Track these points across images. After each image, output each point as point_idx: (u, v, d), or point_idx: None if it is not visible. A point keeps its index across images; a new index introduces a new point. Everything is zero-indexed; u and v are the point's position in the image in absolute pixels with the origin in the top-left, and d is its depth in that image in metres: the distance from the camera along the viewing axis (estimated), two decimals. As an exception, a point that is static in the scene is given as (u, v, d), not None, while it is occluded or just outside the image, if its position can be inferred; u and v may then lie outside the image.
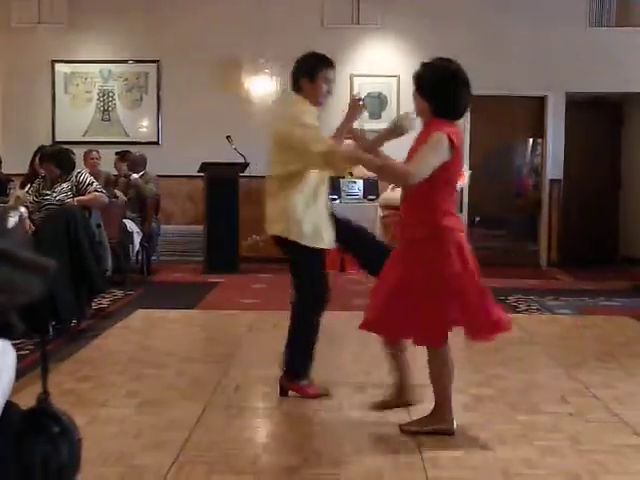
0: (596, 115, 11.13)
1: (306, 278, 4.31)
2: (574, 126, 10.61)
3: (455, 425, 3.65)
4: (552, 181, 10.60)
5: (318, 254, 4.29)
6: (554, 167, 10.58)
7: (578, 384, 4.62)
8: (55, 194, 6.39)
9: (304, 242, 4.20)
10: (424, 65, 4.00)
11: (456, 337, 4.15)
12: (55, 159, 6.59)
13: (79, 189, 6.47)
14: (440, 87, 3.83)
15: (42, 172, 6.84)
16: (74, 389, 4.41)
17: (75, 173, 6.59)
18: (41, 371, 1.97)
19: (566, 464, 3.32)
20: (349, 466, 3.28)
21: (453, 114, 3.84)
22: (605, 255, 10.97)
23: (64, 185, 6.46)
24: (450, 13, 10.28)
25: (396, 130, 3.95)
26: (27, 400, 1.98)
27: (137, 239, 8.62)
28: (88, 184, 6.53)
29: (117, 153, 9.40)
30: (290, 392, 4.31)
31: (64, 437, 1.85)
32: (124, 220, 8.50)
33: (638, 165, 10.81)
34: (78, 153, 8.95)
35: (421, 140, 3.67)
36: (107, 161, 9.29)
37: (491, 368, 4.98)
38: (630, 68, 10.30)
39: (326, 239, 4.28)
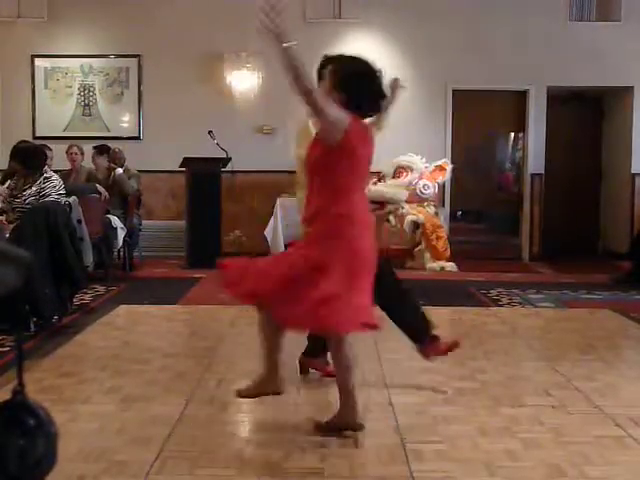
0: (577, 109, 11.20)
1: None
2: (555, 120, 10.67)
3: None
4: (534, 175, 10.65)
5: None
6: (536, 161, 10.63)
7: (560, 377, 4.64)
8: (24, 197, 6.31)
9: None
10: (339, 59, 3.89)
11: (438, 331, 4.15)
12: (20, 157, 6.43)
13: (42, 196, 6.26)
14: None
15: None
16: (56, 385, 4.38)
17: (42, 179, 6.33)
18: (16, 363, 1.94)
19: (549, 456, 3.34)
20: (333, 460, 3.27)
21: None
22: (586, 248, 11.05)
23: (33, 189, 6.29)
24: (432, 8, 10.29)
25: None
26: (6, 396, 1.95)
27: (121, 235, 8.58)
28: (47, 195, 6.26)
29: (95, 147, 9.28)
30: (310, 370, 4.54)
31: (40, 430, 1.82)
32: (108, 216, 8.45)
33: (619, 159, 10.87)
34: (59, 149, 8.96)
35: None
36: (87, 156, 9.23)
37: (473, 361, 4.99)
38: (610, 62, 10.36)
39: None
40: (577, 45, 10.36)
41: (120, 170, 9.02)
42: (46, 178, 6.37)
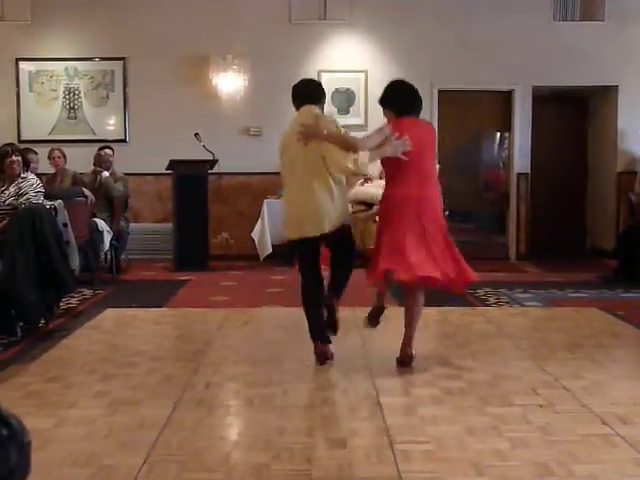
0: (562, 108, 11.24)
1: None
2: (541, 120, 10.70)
3: None
4: (520, 174, 10.67)
5: None
6: (522, 160, 10.66)
7: (547, 376, 4.65)
8: (3, 198, 6.30)
9: None
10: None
11: (424, 331, 4.15)
12: None
13: (20, 195, 6.28)
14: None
15: None
16: (42, 390, 4.37)
17: (19, 179, 6.36)
18: None
19: (536, 455, 3.34)
20: (321, 462, 3.27)
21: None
22: (573, 247, 11.08)
23: (11, 189, 6.32)
24: (417, 8, 10.30)
25: None
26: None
27: (107, 238, 8.55)
28: (25, 194, 6.30)
29: (101, 149, 9.33)
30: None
31: (12, 440, 1.79)
32: (95, 219, 8.43)
33: (604, 157, 10.92)
34: (45, 152, 8.92)
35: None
36: (73, 160, 9.20)
37: (461, 361, 5.00)
38: (595, 62, 10.40)
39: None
40: (562, 45, 10.39)
41: (106, 173, 9.00)
42: (23, 178, 6.41)
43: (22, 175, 6.43)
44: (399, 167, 4.76)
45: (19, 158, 6.46)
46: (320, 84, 5.45)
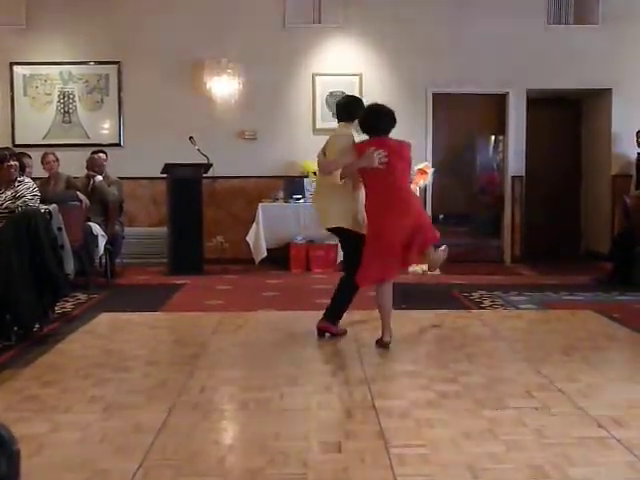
0: (556, 112, 11.27)
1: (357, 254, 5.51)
2: (535, 123, 10.72)
3: None
4: (514, 177, 10.69)
5: None
6: (516, 164, 10.67)
7: (543, 378, 4.66)
8: (0, 201, 6.34)
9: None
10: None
11: (420, 334, 4.16)
12: None
13: (16, 197, 6.40)
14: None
15: None
16: (37, 395, 4.35)
17: (15, 183, 6.47)
18: None
19: (531, 458, 3.34)
20: (316, 465, 3.27)
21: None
22: (568, 250, 11.10)
23: (8, 193, 6.40)
24: (411, 12, 10.32)
25: None
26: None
27: (102, 242, 8.53)
28: (22, 197, 6.42)
29: (95, 152, 9.31)
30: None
31: (1, 449, 1.78)
32: (89, 223, 8.41)
33: (599, 160, 10.94)
34: (40, 156, 8.91)
35: None
36: (68, 164, 9.19)
37: (456, 364, 5.00)
38: (588, 65, 10.43)
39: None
40: (555, 48, 10.41)
41: (100, 177, 8.97)
42: (20, 182, 6.50)
43: (19, 179, 6.51)
44: (375, 178, 5.43)
45: (16, 163, 6.55)
46: (349, 103, 5.88)
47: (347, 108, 5.76)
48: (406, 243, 5.39)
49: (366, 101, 5.82)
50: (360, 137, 5.63)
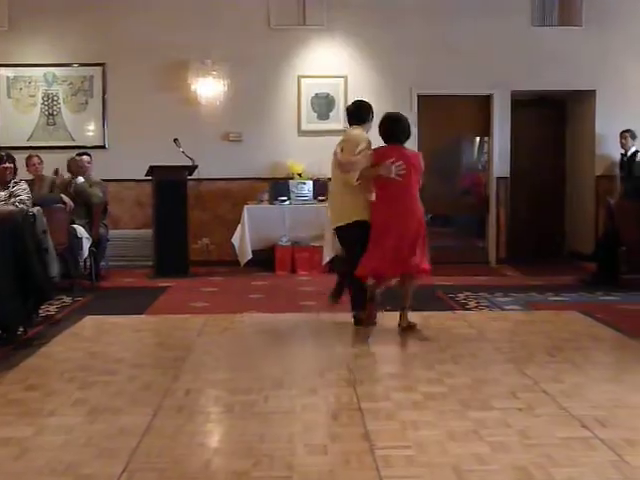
0: (541, 113, 11.31)
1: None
2: (520, 124, 10.75)
3: None
4: (499, 178, 10.72)
5: None
6: (501, 165, 10.70)
7: (527, 379, 4.67)
8: None
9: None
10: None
11: (405, 335, 4.15)
12: None
13: (13, 196, 6.57)
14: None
15: None
16: (21, 399, 4.33)
17: (12, 184, 6.65)
18: None
19: (516, 459, 3.35)
20: (301, 468, 3.27)
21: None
22: (552, 250, 11.14)
23: (2, 193, 6.53)
24: (396, 14, 10.32)
25: None
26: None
27: (86, 245, 8.49)
28: (17, 196, 6.61)
29: (79, 154, 9.26)
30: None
31: None
32: (73, 226, 8.37)
33: (582, 161, 10.99)
34: (24, 159, 8.86)
35: None
36: (51, 166, 9.15)
37: (441, 365, 5.01)
38: (573, 66, 10.47)
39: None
40: (540, 49, 10.44)
41: (81, 179, 8.89)
42: (15, 183, 6.71)
43: (14, 180, 6.74)
44: (389, 186, 5.84)
45: (12, 165, 6.78)
46: (359, 108, 6.34)
47: (357, 113, 6.26)
48: (404, 247, 5.86)
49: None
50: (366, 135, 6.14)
